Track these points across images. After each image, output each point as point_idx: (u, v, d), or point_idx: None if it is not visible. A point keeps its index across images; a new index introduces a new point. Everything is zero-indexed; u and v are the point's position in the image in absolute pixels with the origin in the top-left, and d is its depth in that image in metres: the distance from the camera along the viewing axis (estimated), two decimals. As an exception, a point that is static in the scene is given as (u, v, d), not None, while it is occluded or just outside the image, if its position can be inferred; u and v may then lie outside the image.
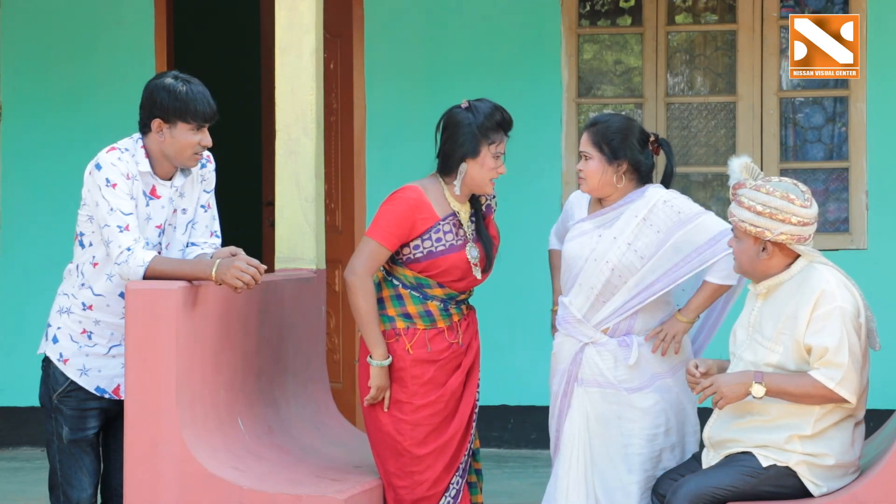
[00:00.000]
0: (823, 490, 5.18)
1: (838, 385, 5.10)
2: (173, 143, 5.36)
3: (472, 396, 5.67)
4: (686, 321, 5.59)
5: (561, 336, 5.66)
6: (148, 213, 5.39)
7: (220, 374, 5.50)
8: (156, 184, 5.40)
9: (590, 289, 5.54)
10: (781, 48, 8.77)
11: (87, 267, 5.42)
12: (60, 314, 5.46)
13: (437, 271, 5.57)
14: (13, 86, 9.23)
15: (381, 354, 5.54)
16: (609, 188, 5.59)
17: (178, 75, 5.41)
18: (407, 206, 5.54)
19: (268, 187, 9.30)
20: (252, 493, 5.25)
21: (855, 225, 8.77)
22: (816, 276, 5.19)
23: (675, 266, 5.51)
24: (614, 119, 5.65)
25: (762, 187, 5.21)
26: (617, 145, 5.55)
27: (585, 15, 9.05)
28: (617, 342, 5.55)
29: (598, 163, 5.57)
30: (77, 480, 5.43)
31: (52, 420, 5.45)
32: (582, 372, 5.58)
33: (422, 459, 5.58)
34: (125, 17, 9.21)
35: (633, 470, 5.53)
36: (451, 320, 5.63)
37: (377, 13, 8.99)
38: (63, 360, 5.44)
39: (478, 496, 5.76)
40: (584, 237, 5.60)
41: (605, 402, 5.56)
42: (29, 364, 7.23)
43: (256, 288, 5.72)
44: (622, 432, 5.54)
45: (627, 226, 5.53)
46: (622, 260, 5.50)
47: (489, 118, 5.54)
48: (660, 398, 5.55)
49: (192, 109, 5.33)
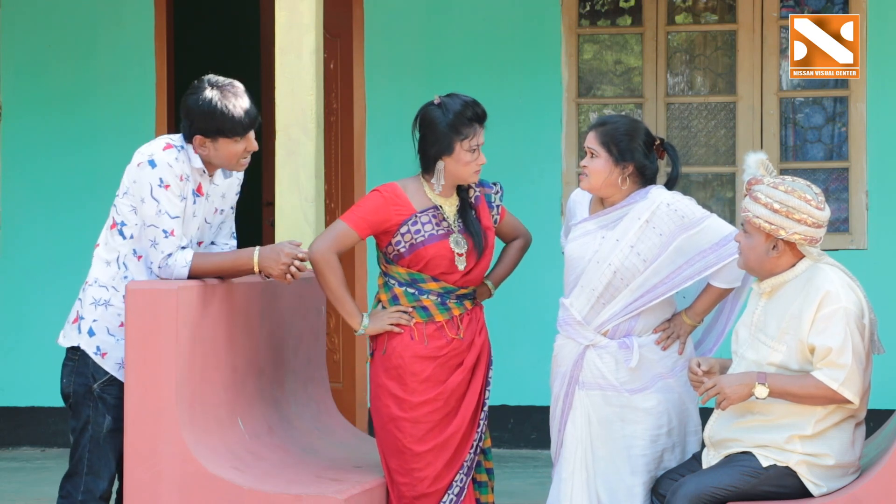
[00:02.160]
0: (823, 490, 5.18)
1: (841, 386, 5.09)
2: (217, 154, 5.36)
3: (476, 394, 5.66)
4: (692, 323, 5.59)
5: (562, 338, 5.64)
6: (194, 211, 5.40)
7: (220, 374, 5.50)
8: (202, 181, 5.41)
9: (591, 291, 5.52)
10: (781, 48, 8.77)
11: (130, 259, 5.38)
12: (96, 307, 5.39)
13: (423, 263, 5.58)
14: (13, 86, 9.23)
15: (359, 322, 5.61)
16: (612, 189, 5.57)
17: (215, 83, 5.37)
18: (381, 197, 5.60)
19: (268, 187, 9.31)
20: (252, 493, 5.25)
21: (855, 225, 8.77)
22: (821, 277, 5.18)
23: (679, 269, 5.50)
24: (623, 120, 5.64)
25: (780, 185, 5.20)
26: (625, 147, 5.54)
27: (585, 15, 9.05)
28: (617, 344, 5.54)
29: (604, 162, 5.55)
30: (104, 471, 5.39)
31: (92, 409, 5.37)
32: (583, 375, 5.56)
33: (421, 456, 5.58)
34: (125, 17, 9.21)
35: (637, 472, 5.52)
36: (451, 314, 5.63)
37: (377, 13, 8.99)
38: (101, 354, 5.37)
39: (489, 495, 5.74)
40: (586, 237, 5.59)
41: (607, 404, 5.54)
42: (29, 364, 7.30)
43: (257, 288, 5.73)
44: (625, 434, 5.53)
45: (630, 228, 5.51)
46: (625, 262, 5.49)
47: (459, 115, 5.56)
48: (662, 398, 5.55)
49: (230, 127, 5.31)
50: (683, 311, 5.61)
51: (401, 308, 5.60)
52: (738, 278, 5.53)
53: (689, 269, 5.50)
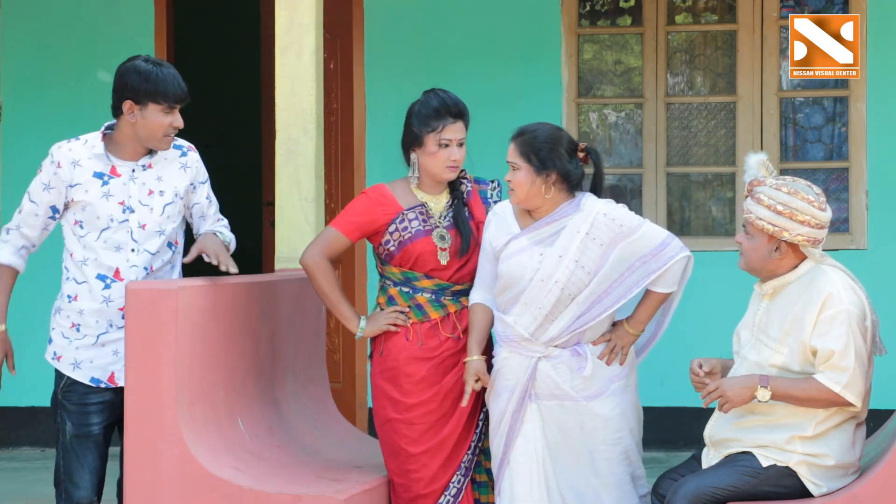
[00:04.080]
0: (823, 490, 5.18)
1: (844, 389, 5.08)
2: (145, 124, 5.43)
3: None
4: (635, 333, 5.55)
5: (505, 352, 5.52)
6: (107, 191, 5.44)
7: (220, 373, 5.50)
8: (115, 164, 5.47)
9: (537, 309, 5.44)
10: (781, 48, 8.77)
11: (68, 262, 5.50)
12: (54, 315, 5.55)
13: (413, 260, 5.59)
14: (13, 85, 9.23)
15: (357, 325, 5.62)
16: (538, 199, 5.49)
17: (149, 58, 5.49)
18: (367, 199, 5.64)
19: (268, 187, 9.30)
20: (252, 493, 5.25)
21: (855, 225, 8.77)
22: (824, 278, 5.17)
23: (621, 277, 5.44)
24: (542, 128, 5.53)
25: (783, 187, 5.19)
26: (545, 155, 5.45)
27: (585, 15, 9.05)
28: (569, 353, 5.48)
29: (525, 174, 5.46)
30: (78, 477, 5.44)
31: (59, 416, 5.49)
32: (536, 387, 5.48)
33: (417, 458, 5.58)
34: (125, 17, 9.21)
35: (601, 473, 5.50)
36: (446, 310, 5.63)
37: (377, 13, 8.99)
38: (57, 358, 5.50)
39: (489, 495, 5.72)
40: (522, 255, 5.48)
41: (565, 412, 5.48)
42: (29, 364, 7.21)
43: (256, 288, 5.74)
44: (586, 440, 5.49)
45: (571, 242, 5.44)
46: (571, 278, 5.41)
47: (431, 109, 5.57)
48: (618, 401, 5.51)
49: (163, 90, 5.40)
50: (625, 321, 5.56)
51: (398, 308, 5.60)
52: (675, 281, 5.51)
53: (632, 276, 5.45)
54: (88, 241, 5.44)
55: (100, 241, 5.43)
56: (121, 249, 5.44)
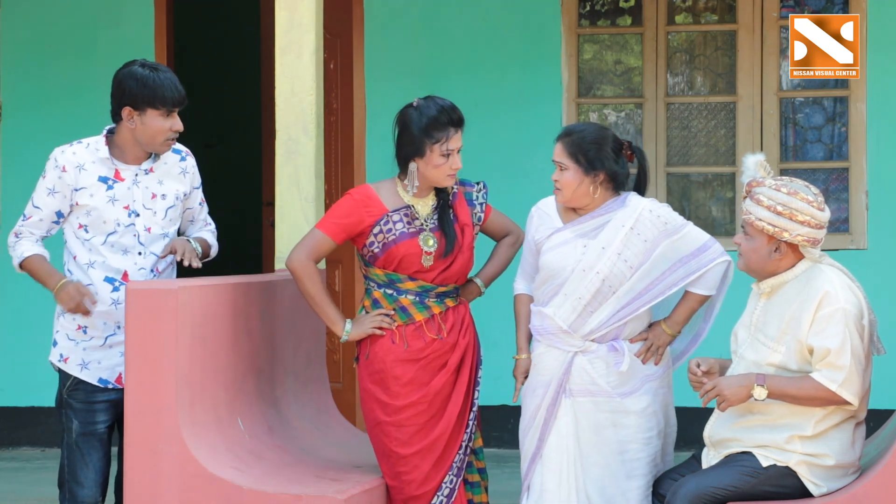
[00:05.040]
0: (823, 490, 5.18)
1: (840, 387, 5.09)
2: (144, 129, 5.46)
3: (462, 395, 5.65)
4: (671, 333, 5.59)
5: (542, 347, 5.57)
6: (112, 196, 5.46)
7: (220, 373, 5.51)
8: (118, 168, 5.49)
9: (577, 299, 5.48)
10: (781, 48, 8.77)
11: (71, 265, 5.52)
12: (58, 318, 5.56)
13: (396, 262, 5.59)
14: (13, 85, 9.23)
15: (342, 328, 5.61)
16: (585, 198, 5.54)
17: (146, 63, 5.51)
18: (352, 200, 5.62)
19: (268, 187, 9.30)
20: (252, 493, 5.25)
21: (855, 225, 8.77)
22: (821, 277, 5.18)
23: (662, 275, 5.50)
24: (589, 128, 5.59)
25: (782, 187, 5.19)
26: (593, 156, 5.50)
27: (585, 15, 9.05)
28: (607, 348, 5.52)
29: (573, 174, 5.51)
30: (83, 477, 5.46)
31: (65, 416, 5.50)
32: (571, 382, 5.52)
33: (407, 460, 5.59)
34: (125, 16, 9.21)
35: (633, 475, 5.51)
36: (430, 312, 5.62)
37: (377, 13, 8.99)
38: (64, 360, 5.51)
39: (482, 495, 5.74)
40: (565, 247, 5.53)
41: (598, 410, 5.51)
42: (29, 364, 7.31)
43: (256, 288, 5.74)
44: (619, 439, 5.51)
45: (615, 236, 5.49)
46: (613, 270, 5.46)
47: (433, 119, 5.54)
48: (651, 400, 5.55)
49: (161, 96, 5.42)
50: (663, 321, 5.60)
51: (383, 311, 5.60)
52: (715, 285, 5.55)
53: (672, 276, 5.50)
54: (94, 244, 5.46)
55: (106, 245, 5.46)
56: (128, 253, 5.46)
